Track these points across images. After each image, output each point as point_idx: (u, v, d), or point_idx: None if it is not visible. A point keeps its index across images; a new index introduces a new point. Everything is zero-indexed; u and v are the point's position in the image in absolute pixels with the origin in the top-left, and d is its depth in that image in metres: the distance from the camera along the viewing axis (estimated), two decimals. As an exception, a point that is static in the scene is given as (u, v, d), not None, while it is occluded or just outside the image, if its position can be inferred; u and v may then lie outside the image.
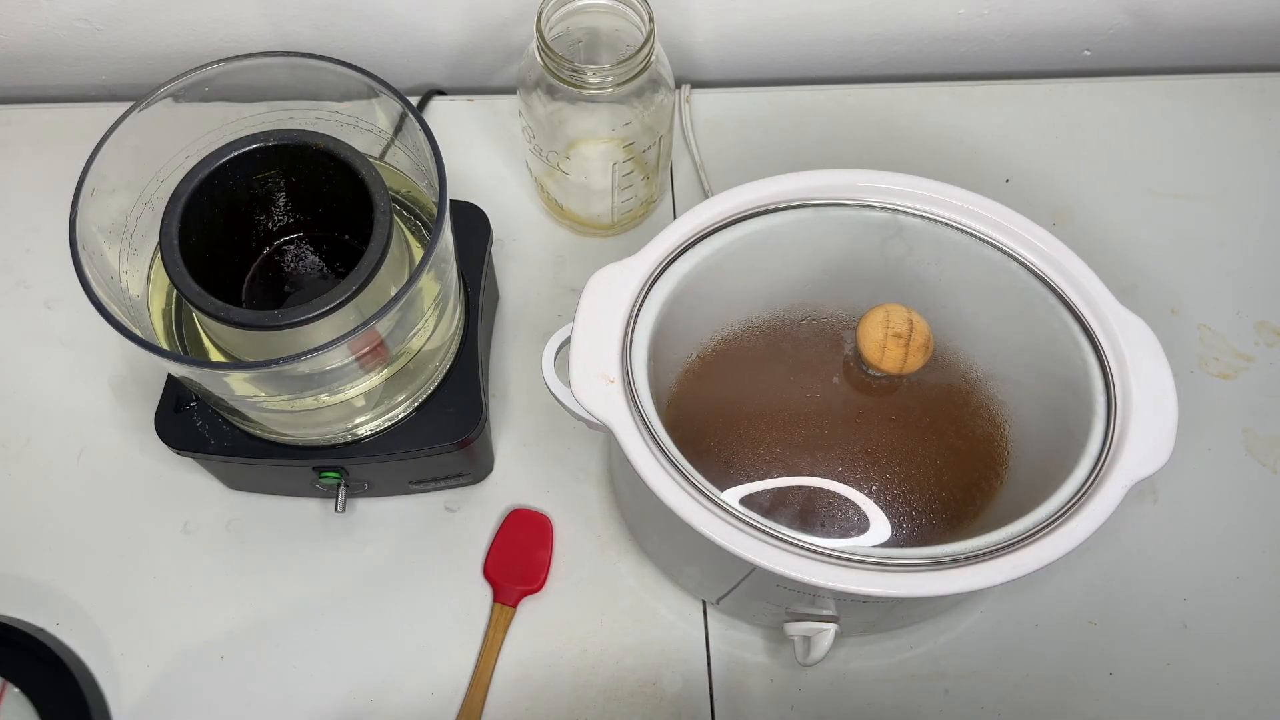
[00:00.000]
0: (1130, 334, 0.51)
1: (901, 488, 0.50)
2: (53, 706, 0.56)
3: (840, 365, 0.53)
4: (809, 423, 0.52)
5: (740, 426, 0.52)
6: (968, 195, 0.54)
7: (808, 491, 0.50)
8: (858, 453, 0.51)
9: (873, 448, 0.51)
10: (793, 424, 0.52)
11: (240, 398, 0.51)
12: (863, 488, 0.50)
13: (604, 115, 0.61)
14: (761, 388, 0.53)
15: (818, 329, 0.55)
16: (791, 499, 0.49)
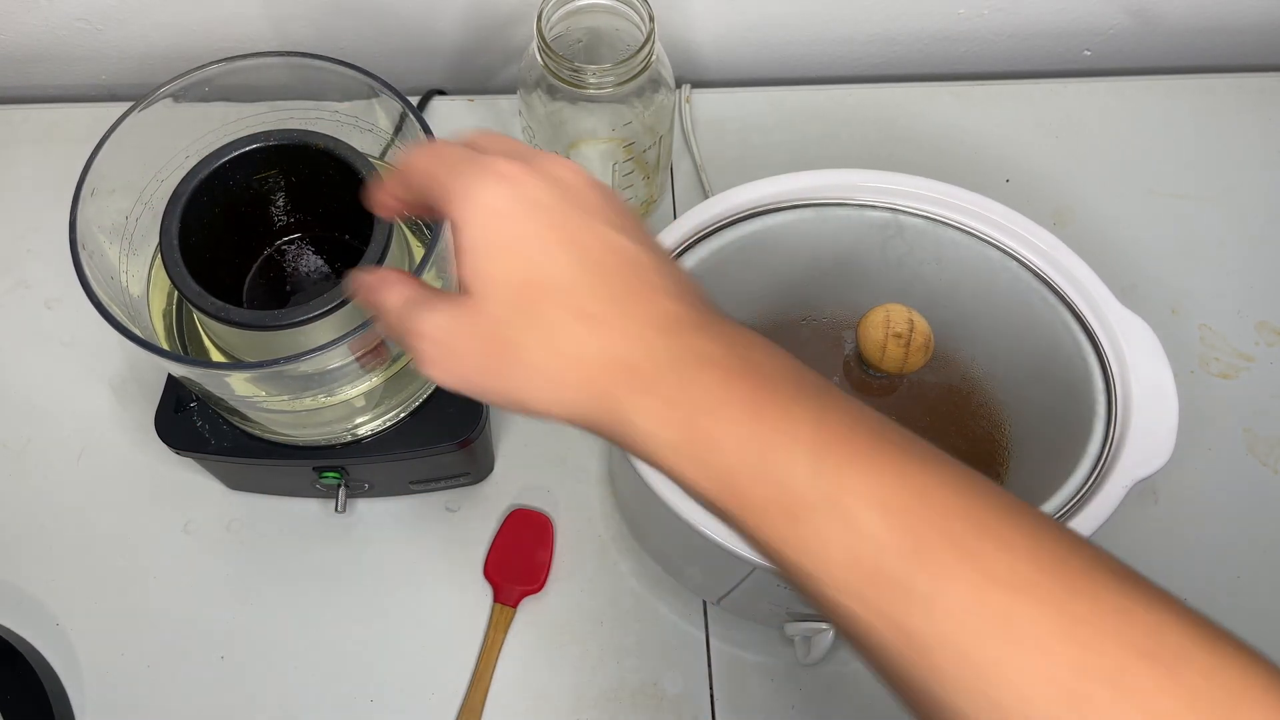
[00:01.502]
0: (1131, 334, 0.51)
1: (902, 488, 0.50)
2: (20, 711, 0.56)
3: (840, 365, 0.53)
4: (809, 423, 0.52)
5: (741, 426, 0.52)
6: (968, 195, 0.54)
7: (808, 491, 0.50)
8: (858, 453, 0.51)
9: (873, 448, 0.51)
10: (793, 424, 0.52)
11: (240, 398, 0.51)
12: (863, 488, 0.50)
13: (604, 115, 0.61)
14: (762, 388, 0.53)
15: (818, 329, 0.55)
16: (792, 499, 0.49)
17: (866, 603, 0.26)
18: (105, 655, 0.59)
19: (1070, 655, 0.24)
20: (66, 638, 0.60)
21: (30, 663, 0.57)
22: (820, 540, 0.26)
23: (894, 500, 0.25)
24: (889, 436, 0.27)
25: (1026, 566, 0.25)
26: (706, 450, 0.27)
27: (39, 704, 0.56)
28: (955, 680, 0.25)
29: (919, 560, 0.25)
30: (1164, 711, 0.23)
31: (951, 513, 0.25)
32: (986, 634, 0.24)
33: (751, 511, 0.27)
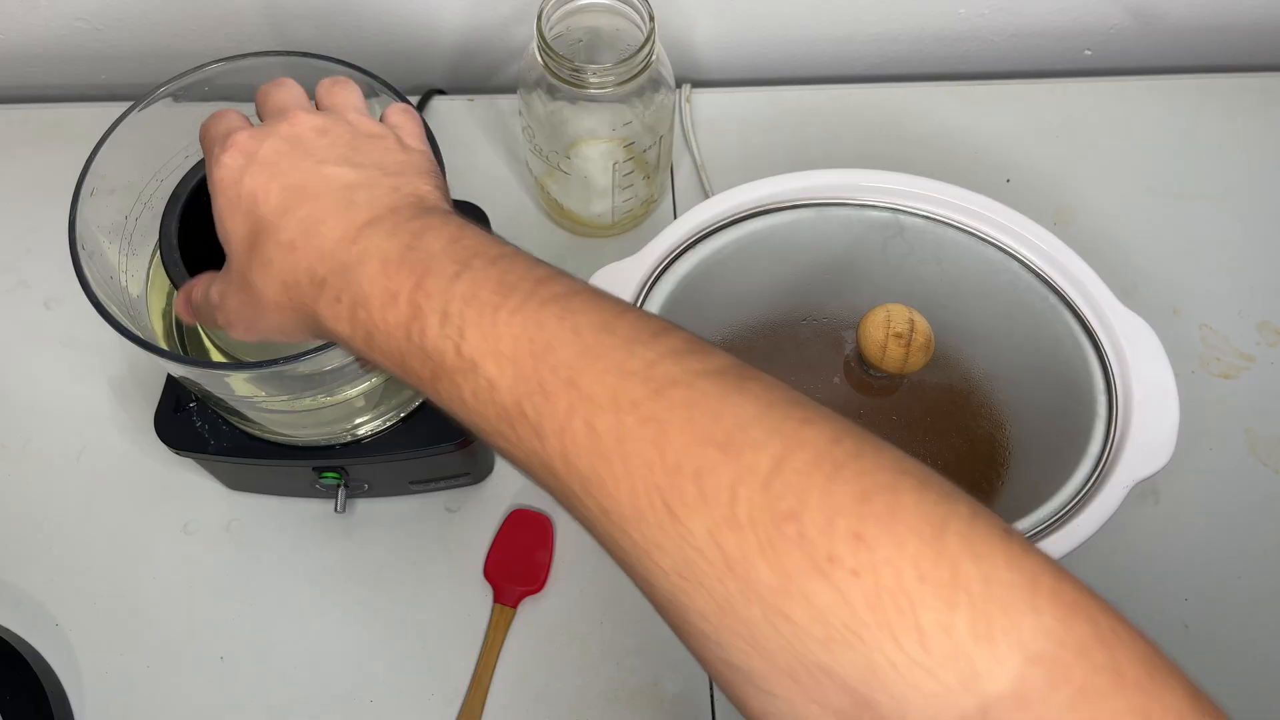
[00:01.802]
0: (1131, 334, 0.51)
1: (902, 488, 0.50)
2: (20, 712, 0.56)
3: (841, 365, 0.53)
4: (810, 423, 0.52)
5: (741, 427, 0.52)
6: (969, 195, 0.54)
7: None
8: (858, 453, 0.51)
9: (874, 448, 0.51)
10: (793, 424, 0.52)
11: (240, 398, 0.51)
12: (864, 488, 0.49)
13: (604, 115, 0.61)
14: (762, 388, 0.53)
15: (818, 329, 0.55)
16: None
17: (507, 439, 0.30)
18: (104, 655, 0.59)
19: (658, 459, 0.27)
20: (66, 638, 0.60)
21: (30, 663, 0.57)
22: (466, 395, 0.30)
23: (520, 355, 0.29)
24: (539, 295, 0.30)
25: (630, 386, 0.28)
26: (370, 337, 0.32)
27: (38, 704, 0.56)
28: (576, 493, 0.29)
29: (543, 401, 0.28)
30: (734, 483, 0.26)
31: (567, 359, 0.29)
32: (585, 452, 0.28)
33: (420, 381, 0.31)
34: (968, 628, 0.23)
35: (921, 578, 0.23)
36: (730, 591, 0.25)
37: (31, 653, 0.58)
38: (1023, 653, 0.23)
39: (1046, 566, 0.25)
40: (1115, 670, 0.23)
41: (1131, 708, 0.22)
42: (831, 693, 0.24)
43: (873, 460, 0.26)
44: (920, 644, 0.23)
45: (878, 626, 0.23)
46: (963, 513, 0.25)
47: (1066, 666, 0.23)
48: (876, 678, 0.24)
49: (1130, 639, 0.24)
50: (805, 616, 0.24)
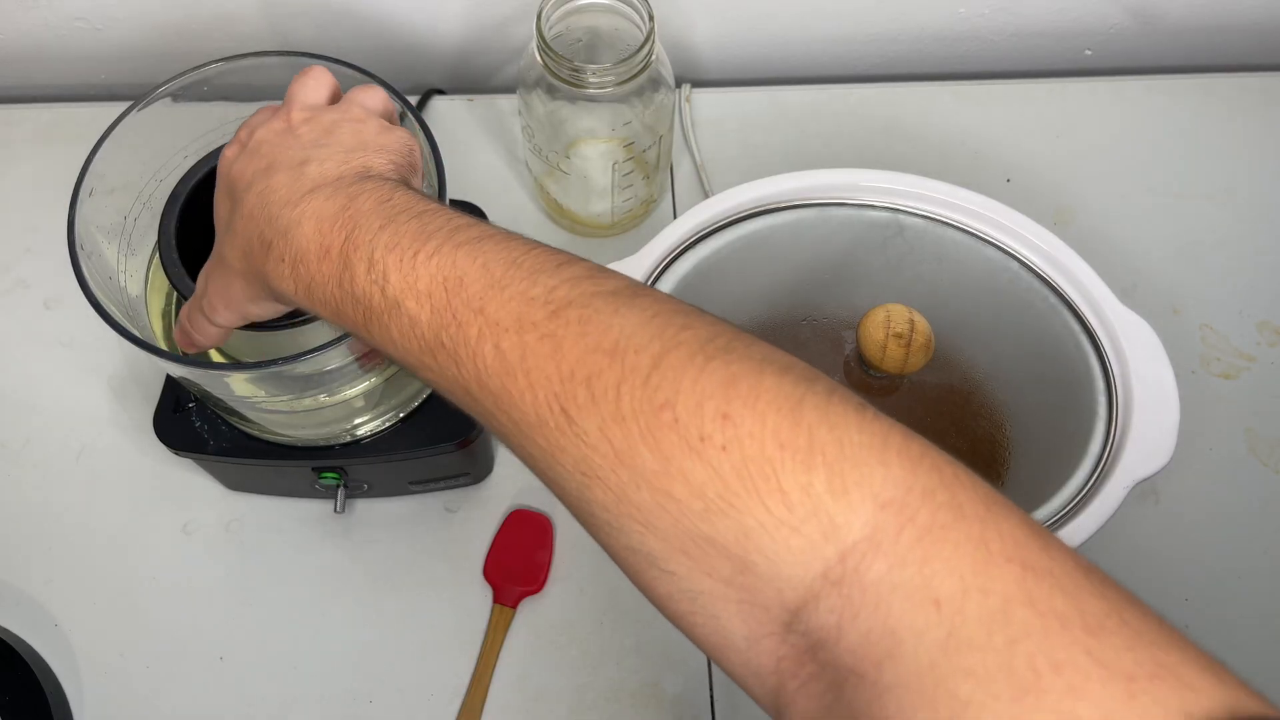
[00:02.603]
0: (1132, 334, 0.51)
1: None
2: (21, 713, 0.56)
3: (841, 365, 0.53)
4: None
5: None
6: (969, 195, 0.54)
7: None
8: (858, 453, 0.51)
9: (873, 448, 0.51)
10: (793, 424, 0.52)
11: (239, 398, 0.51)
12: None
13: (604, 115, 0.61)
14: (762, 388, 0.53)
15: (818, 329, 0.55)
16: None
17: (431, 369, 0.32)
18: (104, 656, 0.59)
19: (554, 370, 0.29)
20: (65, 638, 0.60)
21: (29, 663, 0.57)
22: (394, 333, 0.33)
23: (435, 292, 0.32)
24: (455, 239, 0.33)
25: (531, 310, 0.30)
26: (310, 289, 0.35)
27: (38, 705, 0.56)
28: (490, 410, 0.31)
29: (457, 330, 0.31)
30: (619, 383, 0.28)
31: (476, 291, 0.31)
32: (495, 372, 0.30)
33: (355, 326, 0.34)
34: (825, 485, 0.26)
35: (781, 446, 0.26)
36: (622, 480, 0.28)
37: (31, 653, 0.58)
38: (874, 501, 0.25)
39: (896, 429, 0.27)
40: (956, 507, 0.25)
41: (970, 537, 0.24)
42: (717, 561, 0.27)
43: (742, 353, 0.28)
44: (784, 504, 0.26)
45: (746, 494, 0.26)
46: (820, 390, 0.28)
47: (913, 509, 0.25)
48: (750, 540, 0.26)
49: (970, 483, 0.26)
50: (685, 493, 0.27)
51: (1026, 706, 0.22)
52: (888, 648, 0.24)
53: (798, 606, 0.26)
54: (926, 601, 0.24)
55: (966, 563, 0.24)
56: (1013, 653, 0.22)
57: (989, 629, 0.23)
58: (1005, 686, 0.22)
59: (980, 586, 0.24)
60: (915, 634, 0.24)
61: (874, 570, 0.25)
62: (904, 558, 0.25)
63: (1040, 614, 0.23)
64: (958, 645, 0.23)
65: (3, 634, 0.58)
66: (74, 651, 0.59)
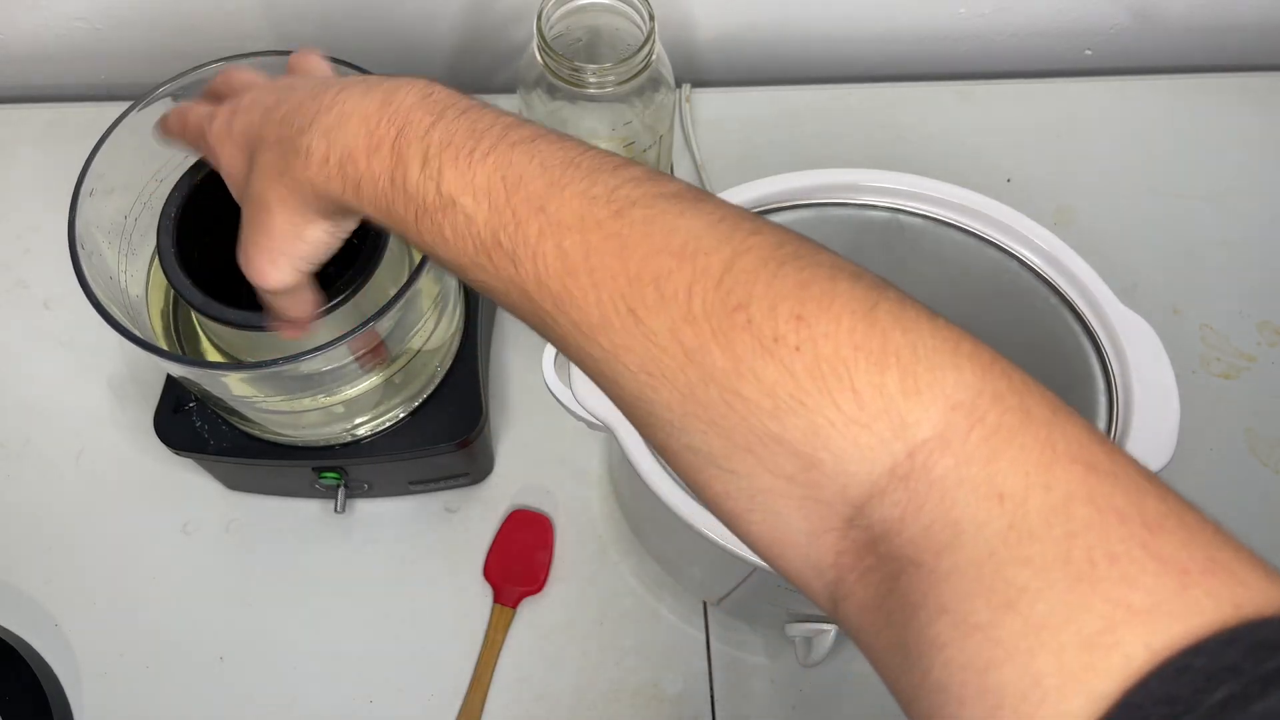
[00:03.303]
0: (1132, 334, 0.51)
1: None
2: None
3: (841, 365, 0.53)
4: (810, 423, 0.52)
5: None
6: (969, 195, 0.54)
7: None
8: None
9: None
10: (793, 424, 0.52)
11: (239, 398, 0.51)
12: (864, 488, 0.49)
13: (604, 114, 0.61)
14: (762, 388, 0.53)
15: (818, 329, 0.55)
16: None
17: (486, 270, 0.32)
18: (104, 656, 0.59)
19: (621, 270, 0.29)
20: (65, 638, 0.60)
21: (29, 663, 0.57)
22: (447, 232, 0.32)
23: (494, 189, 0.31)
24: (509, 138, 0.32)
25: (594, 209, 0.30)
26: (359, 187, 0.34)
27: (38, 705, 0.56)
28: (549, 312, 0.31)
29: (516, 229, 0.31)
30: (690, 284, 0.28)
31: (537, 190, 0.31)
32: (556, 272, 0.30)
33: (404, 224, 0.33)
34: (897, 385, 0.26)
35: (856, 347, 0.26)
36: (690, 379, 0.28)
37: (31, 653, 0.58)
38: (946, 401, 0.26)
39: (968, 337, 0.28)
40: (1024, 410, 0.26)
41: (1037, 438, 0.25)
42: (783, 459, 0.27)
43: (812, 259, 0.28)
44: (856, 403, 0.26)
45: (819, 393, 0.26)
46: (893, 296, 0.28)
47: (983, 410, 0.26)
48: (819, 437, 0.26)
49: (1039, 389, 0.27)
50: (756, 392, 0.27)
51: (1081, 593, 0.22)
52: (949, 538, 0.24)
53: (862, 501, 0.26)
54: (990, 495, 0.24)
55: (1032, 461, 0.25)
56: (1071, 544, 0.23)
57: (1049, 521, 0.23)
58: (1061, 574, 0.23)
59: (1044, 483, 0.24)
60: (977, 525, 0.24)
61: (941, 466, 0.25)
62: (971, 455, 0.25)
63: (1100, 510, 0.23)
64: (1018, 536, 0.24)
65: (3, 634, 0.58)
66: (74, 651, 0.59)
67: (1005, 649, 0.23)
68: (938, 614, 0.24)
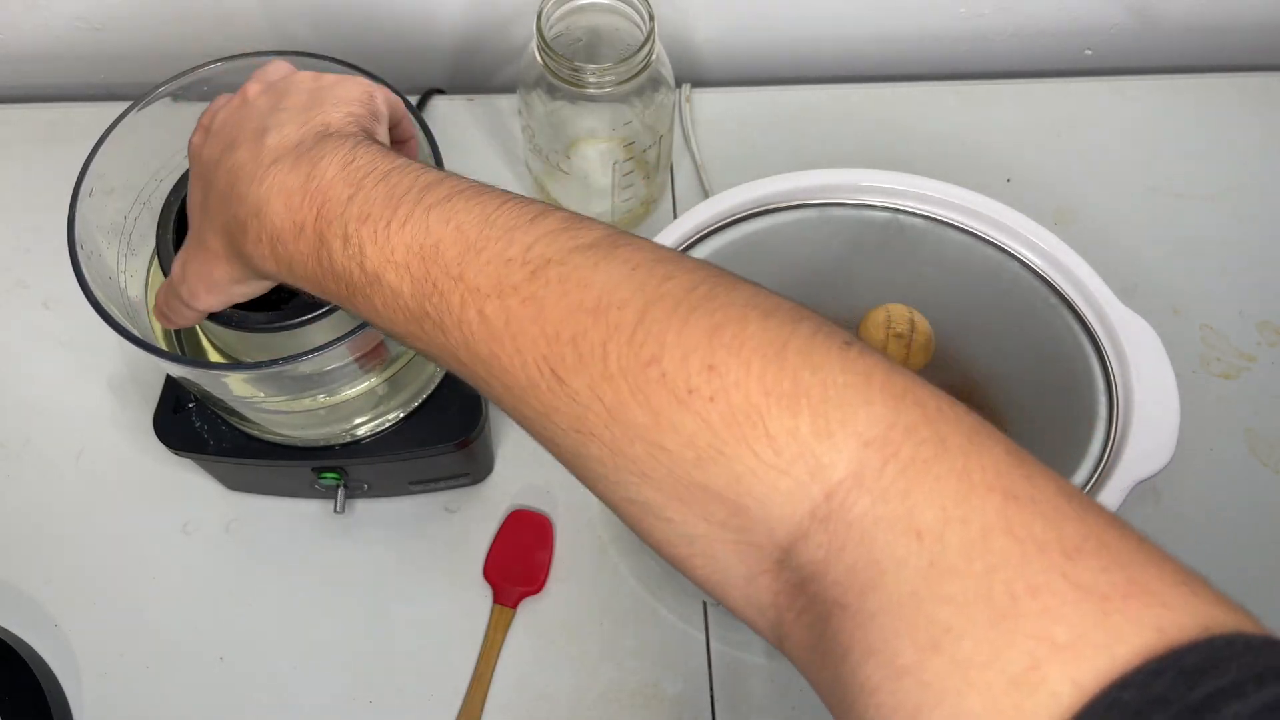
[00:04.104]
0: (1132, 334, 0.51)
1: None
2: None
3: (841, 365, 0.53)
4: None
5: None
6: (969, 195, 0.54)
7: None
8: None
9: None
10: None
11: (239, 398, 0.51)
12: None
13: (604, 114, 0.61)
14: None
15: (818, 329, 0.54)
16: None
17: (418, 338, 0.32)
18: (103, 656, 0.59)
19: (540, 333, 0.29)
20: (65, 639, 0.60)
21: (29, 664, 0.57)
22: (378, 305, 0.33)
23: (413, 263, 0.32)
24: (425, 202, 0.32)
25: (510, 273, 0.30)
26: (291, 268, 0.35)
27: (38, 705, 0.56)
28: (481, 376, 0.31)
29: (440, 299, 0.31)
30: (605, 341, 0.28)
31: (453, 257, 0.31)
32: (482, 338, 0.30)
33: (340, 300, 0.34)
34: (809, 428, 0.26)
35: (766, 392, 0.26)
36: (616, 436, 0.28)
37: (30, 653, 0.58)
38: (858, 440, 0.26)
39: (880, 365, 0.27)
40: (939, 441, 0.26)
41: (953, 469, 0.25)
42: (712, 506, 0.27)
43: (725, 299, 0.28)
44: (772, 449, 0.26)
45: (735, 441, 0.26)
46: (804, 331, 0.28)
47: (895, 444, 0.26)
48: (741, 485, 0.27)
49: (955, 415, 0.27)
50: (677, 444, 0.27)
51: (1004, 630, 0.22)
52: (871, 578, 0.24)
53: (789, 544, 0.27)
54: (909, 532, 0.24)
55: (948, 494, 0.25)
56: (991, 579, 0.23)
57: (969, 557, 0.23)
58: (983, 611, 0.23)
59: (961, 516, 0.24)
60: (897, 564, 0.24)
61: (859, 506, 0.25)
62: (886, 492, 0.25)
63: (1019, 540, 0.23)
64: (939, 573, 0.24)
65: (3, 634, 0.58)
66: (74, 651, 0.59)
67: (934, 691, 0.23)
68: (866, 656, 0.24)
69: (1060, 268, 0.53)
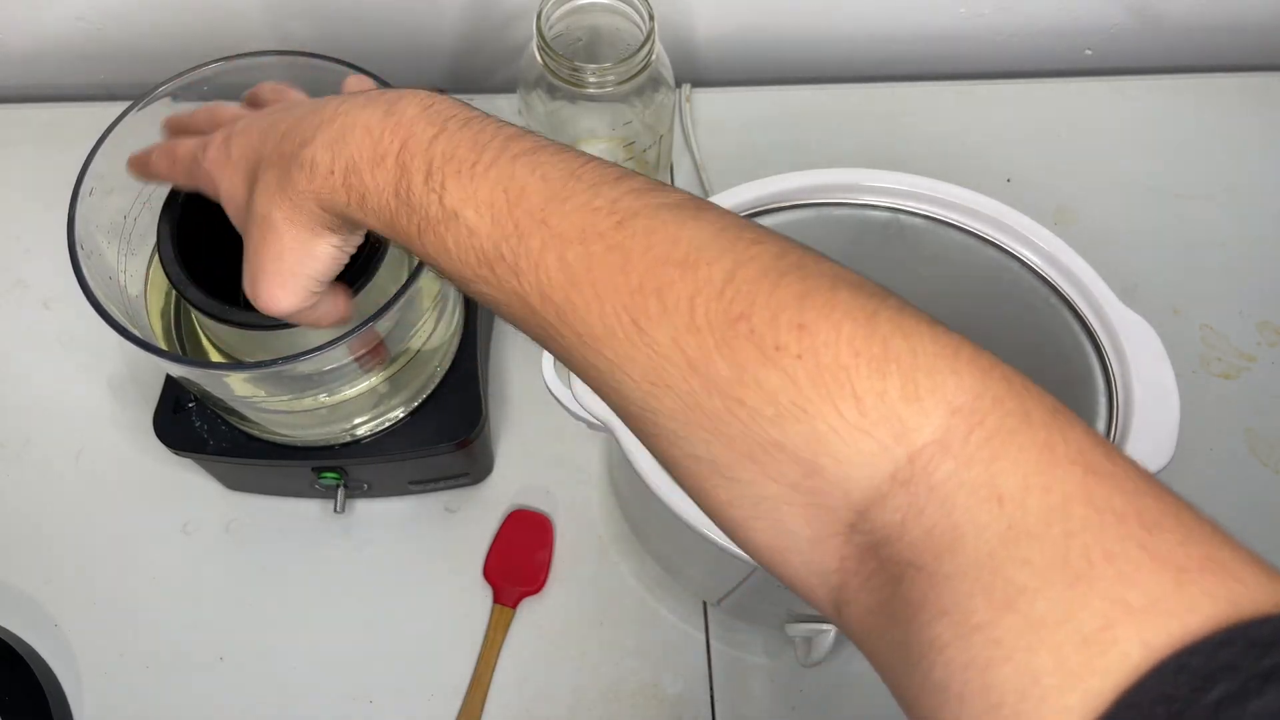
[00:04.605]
0: (1132, 334, 0.51)
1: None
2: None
3: (841, 365, 0.53)
4: (810, 423, 0.52)
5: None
6: (969, 195, 0.54)
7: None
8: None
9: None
10: (793, 424, 0.52)
11: (239, 398, 0.51)
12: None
13: (604, 114, 0.61)
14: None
15: (818, 329, 0.54)
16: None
17: (489, 282, 0.32)
18: (103, 656, 0.59)
19: (624, 281, 0.29)
20: (65, 639, 0.60)
21: (29, 664, 0.57)
22: (449, 244, 0.32)
23: (496, 202, 0.31)
24: (510, 150, 0.32)
25: (596, 221, 0.30)
26: (364, 199, 0.34)
27: (37, 705, 0.56)
28: (552, 323, 0.31)
29: (519, 242, 0.31)
30: (693, 295, 0.28)
31: (538, 203, 0.31)
32: (559, 284, 0.30)
33: (408, 236, 0.34)
34: (898, 391, 0.26)
35: (856, 354, 0.27)
36: (694, 388, 0.28)
37: (31, 653, 0.58)
38: (946, 406, 0.26)
39: (968, 342, 0.28)
40: (1024, 414, 0.26)
41: (1036, 441, 0.25)
42: (785, 465, 0.27)
43: (814, 269, 0.29)
44: (858, 409, 0.26)
45: (820, 399, 0.26)
46: (893, 304, 0.28)
47: (982, 414, 0.26)
48: (821, 444, 0.27)
49: (1039, 393, 0.27)
50: (758, 400, 0.27)
51: (1079, 592, 0.23)
52: (949, 541, 0.25)
53: (865, 507, 0.27)
54: (990, 498, 0.25)
55: (1031, 463, 0.25)
56: (1069, 544, 0.23)
57: (1048, 521, 0.24)
58: (1059, 574, 0.23)
59: (1043, 485, 0.24)
60: (977, 527, 0.24)
61: (942, 470, 0.25)
62: (971, 458, 0.25)
63: (1098, 510, 0.24)
64: (1016, 537, 0.24)
65: (3, 634, 0.58)
66: (74, 651, 0.59)
67: (1005, 648, 0.23)
68: (938, 615, 0.24)
69: (1060, 268, 0.53)
